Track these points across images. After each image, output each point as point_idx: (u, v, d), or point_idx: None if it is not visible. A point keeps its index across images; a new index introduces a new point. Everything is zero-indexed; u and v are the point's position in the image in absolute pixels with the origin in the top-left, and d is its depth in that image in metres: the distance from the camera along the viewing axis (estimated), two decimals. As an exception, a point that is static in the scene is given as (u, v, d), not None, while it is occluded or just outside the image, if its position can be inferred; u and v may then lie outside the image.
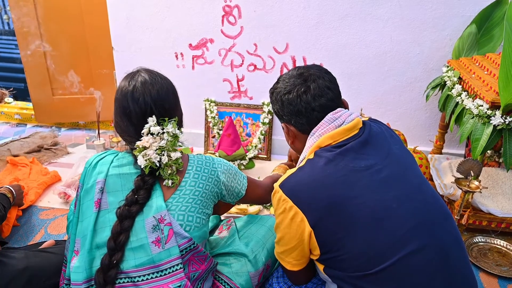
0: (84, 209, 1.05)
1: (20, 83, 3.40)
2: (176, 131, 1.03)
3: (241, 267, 1.22)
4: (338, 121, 1.02)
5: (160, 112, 1.03)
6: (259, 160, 2.29)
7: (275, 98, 1.11)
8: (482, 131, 1.50)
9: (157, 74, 1.09)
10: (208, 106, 2.26)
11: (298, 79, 1.07)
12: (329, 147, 1.00)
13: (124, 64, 2.28)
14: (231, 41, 2.14)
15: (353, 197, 0.92)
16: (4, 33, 3.56)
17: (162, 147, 1.01)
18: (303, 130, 1.08)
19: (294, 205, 0.94)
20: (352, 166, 0.95)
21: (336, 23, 2.02)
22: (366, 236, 0.90)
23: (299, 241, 0.97)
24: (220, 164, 1.13)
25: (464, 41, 1.92)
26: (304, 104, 1.04)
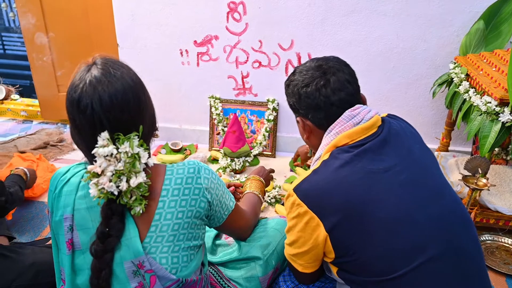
0: (60, 242, 0.90)
1: (26, 80, 3.42)
2: (137, 149, 0.80)
3: (251, 272, 1.18)
4: (356, 118, 0.97)
5: (114, 125, 0.80)
6: (263, 157, 2.29)
7: (291, 91, 1.05)
8: (490, 128, 1.48)
9: (114, 66, 0.84)
10: (213, 103, 2.26)
11: (317, 72, 1.00)
12: (346, 147, 0.95)
13: (129, 61, 2.27)
14: (236, 38, 2.14)
15: (371, 201, 0.88)
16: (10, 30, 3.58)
17: (119, 171, 0.80)
18: (320, 125, 1.02)
19: (309, 210, 0.91)
20: (370, 168, 0.91)
21: (342, 20, 2.01)
22: (384, 241, 0.87)
23: (314, 245, 0.94)
24: (206, 178, 0.92)
25: (471, 37, 1.90)
26: (323, 98, 0.98)
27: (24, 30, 2.44)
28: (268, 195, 1.89)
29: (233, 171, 2.10)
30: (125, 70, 0.85)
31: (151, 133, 0.92)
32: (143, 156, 0.82)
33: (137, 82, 0.86)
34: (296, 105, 1.05)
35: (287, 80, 1.08)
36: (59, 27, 2.44)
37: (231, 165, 2.08)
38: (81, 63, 0.86)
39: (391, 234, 0.86)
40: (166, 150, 2.32)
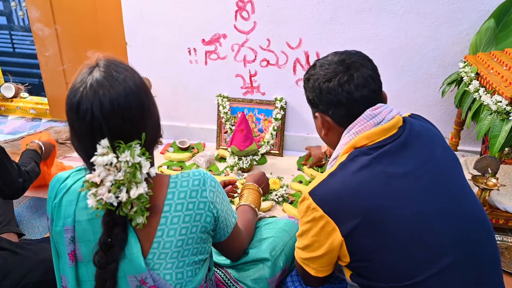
0: (61, 252, 0.86)
1: (35, 79, 3.44)
2: (138, 158, 0.75)
3: (259, 273, 1.16)
4: (377, 118, 0.94)
5: (114, 133, 0.75)
6: (271, 155, 2.29)
7: (311, 85, 1.00)
8: (501, 128, 1.47)
9: (118, 69, 0.78)
10: (221, 102, 2.26)
11: (340, 66, 0.96)
12: (365, 149, 0.91)
13: (138, 59, 2.29)
14: (244, 37, 2.14)
15: (389, 206, 0.85)
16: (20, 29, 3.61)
17: (119, 181, 0.75)
18: (340, 122, 0.98)
19: (325, 215, 0.87)
20: (389, 172, 0.87)
21: (350, 18, 2.00)
22: (401, 248, 0.84)
23: (329, 249, 0.91)
24: (212, 191, 0.87)
25: (481, 36, 1.88)
26: (346, 94, 0.94)
27: (33, 28, 2.46)
28: (276, 194, 1.89)
29: (240, 169, 2.10)
30: (128, 73, 0.79)
31: (155, 141, 0.86)
32: (145, 166, 0.77)
33: (141, 86, 0.80)
34: (315, 100, 1.01)
35: (307, 74, 1.04)
36: (68, 25, 2.46)
37: (238, 163, 2.08)
38: (83, 64, 0.82)
39: (408, 241, 0.84)
40: (174, 148, 2.33)
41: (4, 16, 3.50)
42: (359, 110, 0.95)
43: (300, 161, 2.21)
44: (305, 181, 2.04)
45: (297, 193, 1.94)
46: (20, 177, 1.40)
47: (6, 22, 3.52)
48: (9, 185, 1.36)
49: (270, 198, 1.88)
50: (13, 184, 1.37)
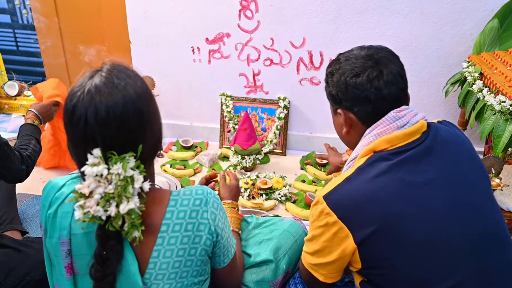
0: (57, 263, 0.83)
1: (38, 77, 3.45)
2: (131, 172, 0.71)
3: (262, 275, 1.15)
4: (401, 121, 0.89)
5: (108, 143, 0.72)
6: (274, 155, 2.29)
7: (336, 80, 0.95)
8: (505, 128, 1.47)
9: (120, 76, 0.75)
10: (224, 101, 2.27)
11: (369, 61, 0.92)
12: (385, 153, 0.87)
13: (141, 58, 2.30)
14: (247, 36, 2.14)
15: (406, 216, 0.82)
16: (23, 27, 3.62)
17: (109, 194, 0.71)
18: (365, 120, 0.93)
19: (339, 220, 0.84)
20: (409, 180, 0.84)
21: (354, 18, 2.00)
22: (416, 258, 0.82)
23: (340, 256, 0.87)
24: (213, 214, 0.82)
25: (485, 36, 1.88)
26: (374, 91, 0.90)
27: (37, 26, 2.47)
28: (279, 193, 1.89)
29: (243, 168, 2.11)
30: (131, 81, 0.75)
31: (154, 154, 0.82)
32: (137, 180, 0.72)
33: (142, 96, 0.76)
34: (339, 96, 0.95)
35: (330, 67, 0.99)
36: (72, 24, 2.47)
37: (241, 162, 2.08)
38: (87, 68, 0.79)
39: (424, 252, 0.82)
40: (177, 147, 2.34)
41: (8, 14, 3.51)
42: (386, 108, 0.91)
43: (303, 160, 2.21)
44: (308, 181, 2.04)
45: (300, 192, 1.95)
46: (23, 164, 1.39)
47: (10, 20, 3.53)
48: (13, 173, 1.36)
49: (273, 197, 1.89)
50: (17, 173, 1.37)
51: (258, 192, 1.90)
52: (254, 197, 1.87)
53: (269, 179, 1.99)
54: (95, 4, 2.41)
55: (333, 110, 1.02)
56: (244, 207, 1.82)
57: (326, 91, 1.02)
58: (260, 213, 1.73)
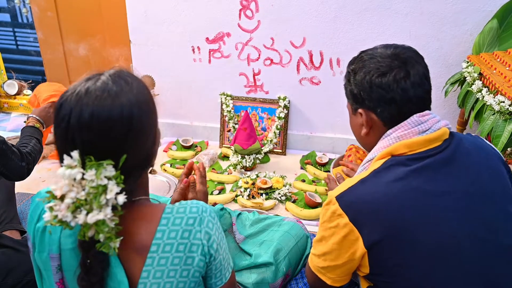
0: (47, 277, 0.80)
1: (38, 76, 3.45)
2: (105, 180, 0.67)
3: (262, 276, 1.14)
4: (423, 126, 0.86)
5: (88, 147, 0.68)
6: (274, 154, 2.29)
7: (360, 79, 0.91)
8: (504, 128, 1.48)
9: (117, 81, 0.72)
10: (224, 100, 2.27)
11: (396, 61, 0.88)
12: (403, 159, 0.84)
13: (142, 57, 2.30)
14: (248, 35, 2.14)
15: (420, 224, 0.80)
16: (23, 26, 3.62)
17: (80, 200, 0.67)
18: (388, 121, 0.90)
19: (350, 223, 0.82)
20: (426, 189, 0.81)
21: (354, 17, 2.00)
22: (425, 269, 0.80)
23: (349, 259, 0.85)
24: (207, 234, 0.77)
25: (485, 36, 1.89)
26: (401, 92, 0.86)
27: (37, 26, 2.47)
28: (279, 192, 1.90)
29: (243, 168, 2.11)
30: (128, 88, 0.72)
31: (143, 167, 0.77)
32: (111, 190, 0.67)
33: (137, 105, 0.72)
34: (362, 95, 0.91)
35: (352, 65, 0.95)
36: (72, 23, 2.47)
37: (241, 162, 2.09)
38: (90, 71, 0.77)
39: (434, 263, 0.80)
40: (177, 146, 2.34)
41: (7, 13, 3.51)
42: (410, 110, 0.88)
43: (303, 160, 2.22)
44: (308, 180, 2.05)
45: (300, 192, 1.95)
46: (23, 161, 1.39)
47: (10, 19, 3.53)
48: (13, 171, 1.36)
49: (273, 197, 1.89)
50: (17, 170, 1.37)
51: (258, 192, 1.90)
52: (254, 197, 1.88)
53: (269, 178, 2.00)
54: (96, 4, 2.41)
55: (352, 109, 0.98)
56: (244, 206, 1.82)
57: (346, 89, 0.98)
58: (260, 212, 1.74)
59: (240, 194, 1.90)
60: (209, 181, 2.03)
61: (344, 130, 2.25)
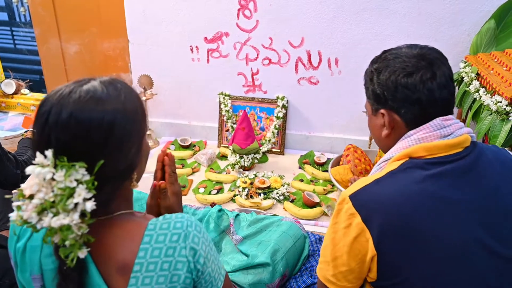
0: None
1: (36, 75, 3.44)
2: (74, 183, 0.64)
3: (258, 277, 1.14)
4: (445, 130, 0.85)
5: (62, 147, 0.66)
6: (272, 154, 2.30)
7: (385, 78, 0.89)
8: (501, 128, 1.48)
9: (107, 88, 0.71)
10: (222, 100, 2.27)
11: (422, 61, 0.86)
12: (421, 162, 0.83)
13: (140, 57, 2.30)
14: (246, 35, 2.14)
15: (433, 232, 0.78)
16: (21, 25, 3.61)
17: (47, 202, 0.64)
18: (411, 123, 0.88)
19: (362, 223, 0.80)
20: (443, 195, 0.79)
21: (352, 18, 2.01)
22: (433, 278, 0.78)
23: (360, 262, 0.83)
24: (193, 249, 0.74)
25: (482, 36, 1.90)
26: (427, 93, 0.84)
27: (35, 25, 2.46)
28: (277, 192, 1.90)
29: (242, 167, 2.11)
30: (114, 94, 0.71)
31: (122, 178, 0.74)
32: (78, 195, 0.64)
33: (122, 113, 0.70)
34: (386, 95, 0.89)
35: (376, 64, 0.93)
36: (70, 22, 2.46)
37: (240, 162, 2.09)
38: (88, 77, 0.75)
39: (442, 273, 0.78)
40: (175, 146, 2.34)
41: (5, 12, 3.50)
42: (435, 112, 0.86)
43: (302, 159, 2.22)
44: (306, 180, 2.05)
45: (298, 191, 1.96)
46: (18, 168, 1.39)
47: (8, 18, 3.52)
48: (7, 178, 1.36)
49: (271, 196, 1.89)
50: (12, 177, 1.37)
51: (256, 192, 1.91)
52: (252, 196, 1.88)
53: (267, 178, 2.00)
54: (94, 3, 2.41)
55: (372, 110, 0.96)
56: (242, 206, 1.83)
57: (368, 89, 0.95)
58: (258, 212, 1.74)
59: (238, 193, 1.91)
60: (208, 181, 2.03)
61: (343, 130, 2.25)
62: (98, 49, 2.51)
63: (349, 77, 2.12)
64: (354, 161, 1.82)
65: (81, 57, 2.52)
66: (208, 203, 1.85)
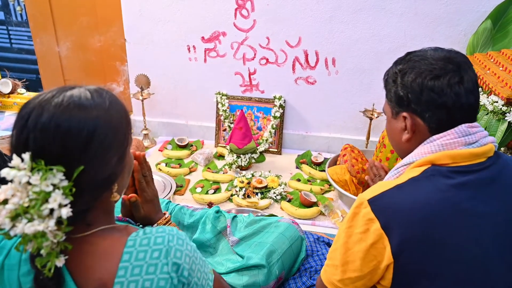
0: None
1: (32, 74, 3.43)
2: (50, 187, 0.62)
3: (253, 279, 1.12)
4: (470, 137, 0.82)
5: (40, 151, 0.64)
6: (269, 154, 2.30)
7: (410, 80, 0.85)
8: (497, 128, 1.49)
9: (93, 97, 0.69)
10: (220, 99, 2.27)
11: (450, 64, 0.83)
12: (444, 170, 0.80)
13: (137, 56, 2.30)
14: (243, 35, 2.14)
15: (455, 240, 0.76)
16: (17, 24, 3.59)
17: (22, 207, 0.62)
18: (435, 127, 0.85)
19: (381, 229, 0.77)
20: (466, 208, 0.77)
21: (350, 17, 2.01)
22: (451, 286, 0.76)
23: (373, 269, 0.80)
24: (176, 264, 0.71)
25: (478, 36, 1.90)
26: (454, 97, 0.81)
27: (31, 24, 2.45)
28: (274, 192, 1.90)
29: (239, 167, 2.11)
30: (99, 101, 0.69)
31: (102, 188, 0.71)
32: (54, 200, 0.62)
33: (105, 122, 0.68)
34: (410, 98, 0.86)
35: (400, 65, 0.89)
36: (67, 22, 2.45)
37: (237, 161, 2.09)
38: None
39: (462, 284, 0.76)
40: (172, 145, 2.34)
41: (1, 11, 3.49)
42: (460, 118, 0.83)
43: (299, 159, 2.22)
44: (303, 179, 2.05)
45: (295, 191, 1.96)
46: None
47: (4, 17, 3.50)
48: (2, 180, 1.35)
49: (268, 196, 1.89)
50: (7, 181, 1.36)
51: (253, 191, 1.91)
52: (250, 196, 1.88)
53: (265, 178, 2.00)
54: (90, 2, 2.40)
55: (393, 113, 0.93)
56: (239, 206, 1.83)
57: (390, 91, 0.92)
58: (255, 212, 1.74)
59: (236, 193, 1.90)
60: (205, 181, 2.03)
61: (339, 129, 2.26)
62: (95, 49, 2.50)
63: (346, 76, 2.12)
64: (351, 160, 1.82)
65: (78, 56, 2.51)
66: (205, 202, 1.85)
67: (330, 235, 1.64)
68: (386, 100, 0.96)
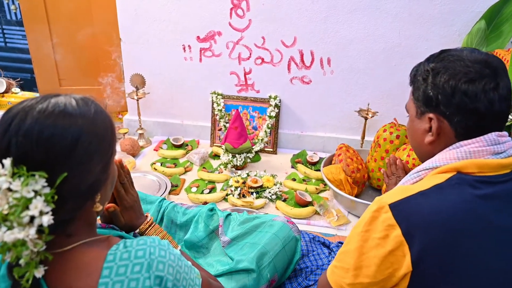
0: None
1: (27, 74, 3.41)
2: (31, 193, 0.60)
3: (242, 284, 1.09)
4: (499, 147, 0.79)
5: (22, 157, 0.62)
6: (265, 153, 2.30)
7: (442, 81, 0.81)
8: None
9: (78, 105, 0.68)
10: (215, 99, 2.27)
11: (487, 69, 0.79)
12: (471, 179, 0.77)
13: (132, 56, 2.29)
14: (239, 34, 2.14)
15: (478, 253, 0.74)
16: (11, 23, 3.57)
17: (2, 215, 0.60)
18: (462, 133, 0.81)
19: (402, 236, 0.73)
20: (491, 220, 0.74)
21: (345, 17, 2.02)
22: None
23: (388, 277, 0.77)
24: (159, 278, 0.69)
25: (472, 37, 1.91)
26: (487, 103, 0.78)
27: (25, 22, 2.44)
28: (269, 191, 1.90)
29: (234, 167, 2.11)
30: (84, 110, 0.68)
31: (84, 197, 0.70)
32: (35, 207, 0.60)
33: (89, 129, 0.67)
34: (440, 99, 0.82)
35: (433, 63, 0.85)
36: (61, 21, 2.44)
37: (232, 161, 2.09)
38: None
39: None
40: (168, 145, 2.34)
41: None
42: (491, 126, 0.80)
43: (294, 159, 2.23)
44: (298, 179, 2.06)
45: (290, 190, 1.96)
46: None
47: (-2, 16, 3.49)
48: None
49: (264, 195, 1.90)
50: None
51: (248, 191, 1.91)
52: (245, 196, 1.88)
53: (260, 177, 2.00)
54: (85, 1, 2.39)
55: (417, 112, 0.89)
56: (234, 205, 1.83)
57: (419, 89, 0.87)
58: (250, 211, 1.74)
59: (231, 193, 1.91)
60: (200, 180, 2.03)
61: (335, 129, 2.26)
62: (90, 48, 2.49)
63: (341, 76, 2.12)
64: (346, 160, 1.83)
65: (73, 56, 2.50)
66: (201, 202, 1.85)
67: (326, 234, 1.65)
68: (412, 98, 0.91)
